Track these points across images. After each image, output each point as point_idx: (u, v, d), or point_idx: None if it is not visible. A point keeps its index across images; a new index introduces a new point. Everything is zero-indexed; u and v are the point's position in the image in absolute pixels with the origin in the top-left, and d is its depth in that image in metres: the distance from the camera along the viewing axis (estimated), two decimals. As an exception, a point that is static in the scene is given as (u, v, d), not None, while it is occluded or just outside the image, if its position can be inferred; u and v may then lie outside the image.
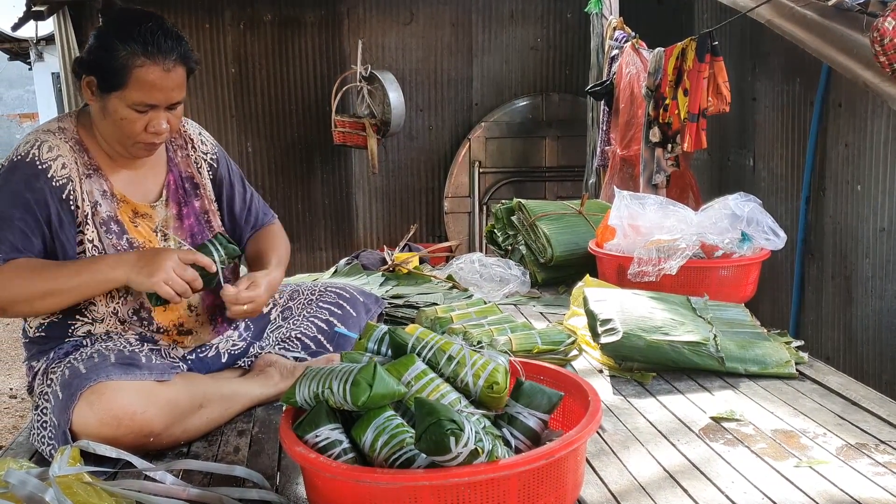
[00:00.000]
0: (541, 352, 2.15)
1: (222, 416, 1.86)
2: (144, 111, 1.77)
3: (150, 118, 1.78)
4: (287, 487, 1.57)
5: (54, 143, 1.81)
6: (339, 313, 2.16)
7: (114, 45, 1.72)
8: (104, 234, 1.83)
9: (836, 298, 3.33)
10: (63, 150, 1.81)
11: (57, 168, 1.79)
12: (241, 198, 2.13)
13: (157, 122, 1.78)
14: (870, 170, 3.04)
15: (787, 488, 1.47)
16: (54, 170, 1.79)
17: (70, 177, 1.80)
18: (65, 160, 1.80)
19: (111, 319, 1.85)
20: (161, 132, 1.80)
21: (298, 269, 5.46)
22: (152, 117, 1.78)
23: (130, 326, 1.87)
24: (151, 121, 1.78)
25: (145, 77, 1.73)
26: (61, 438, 1.62)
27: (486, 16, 5.73)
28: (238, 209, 2.12)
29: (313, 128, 5.64)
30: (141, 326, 1.87)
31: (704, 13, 4.69)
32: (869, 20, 2.47)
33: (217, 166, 2.08)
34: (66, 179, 1.80)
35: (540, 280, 3.19)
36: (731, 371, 2.07)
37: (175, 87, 1.78)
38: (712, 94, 3.34)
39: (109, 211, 1.85)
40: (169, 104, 1.79)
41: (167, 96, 1.77)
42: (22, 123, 15.41)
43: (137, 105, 1.75)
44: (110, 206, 1.85)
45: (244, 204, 2.14)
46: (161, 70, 1.74)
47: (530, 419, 1.37)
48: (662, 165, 3.71)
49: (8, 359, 5.52)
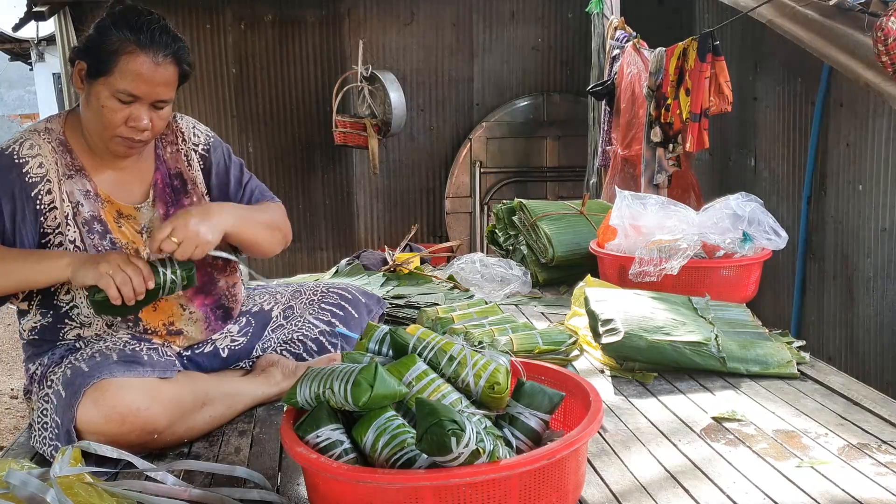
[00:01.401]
0: (542, 352, 2.15)
1: (225, 414, 1.86)
2: (127, 102, 1.73)
3: (131, 111, 1.74)
4: (288, 488, 1.57)
5: (36, 143, 1.81)
6: (341, 314, 2.16)
7: (108, 31, 1.72)
8: (86, 234, 1.81)
9: (837, 298, 3.32)
10: (44, 150, 1.80)
11: (33, 166, 1.78)
12: (237, 180, 2.06)
13: (138, 117, 1.74)
14: (871, 169, 3.04)
15: (789, 488, 1.47)
16: (30, 167, 1.78)
17: (47, 177, 1.79)
18: (43, 160, 1.79)
19: (99, 323, 1.85)
20: (141, 128, 1.76)
21: (299, 269, 5.47)
22: (134, 111, 1.74)
23: (118, 329, 1.87)
24: (133, 114, 1.74)
25: (133, 65, 1.70)
26: (64, 437, 1.62)
27: (486, 16, 5.73)
28: (233, 190, 2.04)
29: (314, 128, 5.64)
30: (128, 329, 1.87)
31: (705, 13, 4.69)
32: (871, 20, 2.47)
33: (209, 154, 2.02)
34: (40, 179, 1.79)
35: (541, 280, 3.19)
36: (732, 371, 2.07)
37: (162, 84, 1.75)
38: (714, 93, 3.34)
39: (92, 211, 1.83)
40: (154, 100, 1.75)
41: (152, 90, 1.74)
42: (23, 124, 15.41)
43: (121, 93, 1.72)
44: (93, 207, 1.83)
45: (239, 186, 2.06)
46: (150, 61, 1.71)
47: (531, 419, 1.37)
48: (664, 165, 3.71)
49: (9, 359, 5.52)
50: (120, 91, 1.72)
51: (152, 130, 1.80)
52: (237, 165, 2.08)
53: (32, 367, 1.86)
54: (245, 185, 2.07)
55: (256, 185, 2.11)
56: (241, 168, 2.09)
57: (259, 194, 2.09)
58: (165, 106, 1.80)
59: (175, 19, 5.29)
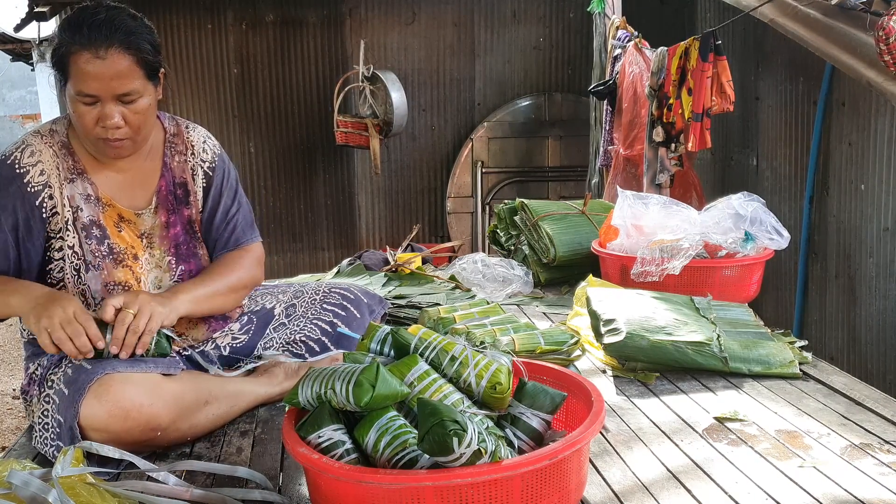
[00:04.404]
0: (544, 352, 2.15)
1: (227, 413, 1.86)
2: (91, 103, 1.71)
3: (100, 111, 1.72)
4: (290, 488, 1.57)
5: (38, 148, 1.80)
6: (343, 315, 2.16)
7: (58, 36, 1.71)
8: (85, 239, 1.81)
9: (839, 298, 3.32)
10: (45, 155, 1.80)
11: (34, 174, 1.78)
12: (225, 211, 2.00)
13: (107, 116, 1.71)
14: (873, 169, 3.03)
15: (791, 488, 1.46)
16: (31, 175, 1.77)
17: (48, 183, 1.78)
18: (44, 166, 1.79)
19: None
20: (113, 126, 1.72)
21: (301, 269, 5.47)
22: (102, 110, 1.71)
23: None
24: (102, 113, 1.71)
25: (78, 64, 1.68)
26: (67, 434, 1.62)
27: (488, 15, 5.73)
28: (218, 221, 1.99)
29: (315, 128, 5.64)
30: None
31: (707, 12, 4.68)
32: (872, 19, 2.46)
33: (212, 174, 1.99)
34: (43, 186, 1.78)
35: (543, 280, 3.19)
36: (734, 371, 2.07)
37: (114, 77, 1.68)
38: (716, 93, 3.34)
39: (92, 216, 1.82)
40: (114, 95, 1.71)
41: (106, 85, 1.69)
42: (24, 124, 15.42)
43: (81, 96, 1.70)
44: (93, 211, 1.83)
45: (225, 217, 2.00)
46: (93, 56, 1.67)
47: (533, 420, 1.37)
48: (666, 165, 3.70)
49: (11, 360, 5.52)
50: (79, 93, 1.70)
51: (131, 127, 1.76)
52: (231, 192, 2.02)
53: (32, 366, 1.86)
54: (230, 221, 2.01)
55: (241, 221, 2.03)
56: (233, 197, 2.03)
57: (240, 232, 2.03)
58: (134, 99, 1.74)
59: (176, 20, 5.30)
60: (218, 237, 2.01)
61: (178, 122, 2.01)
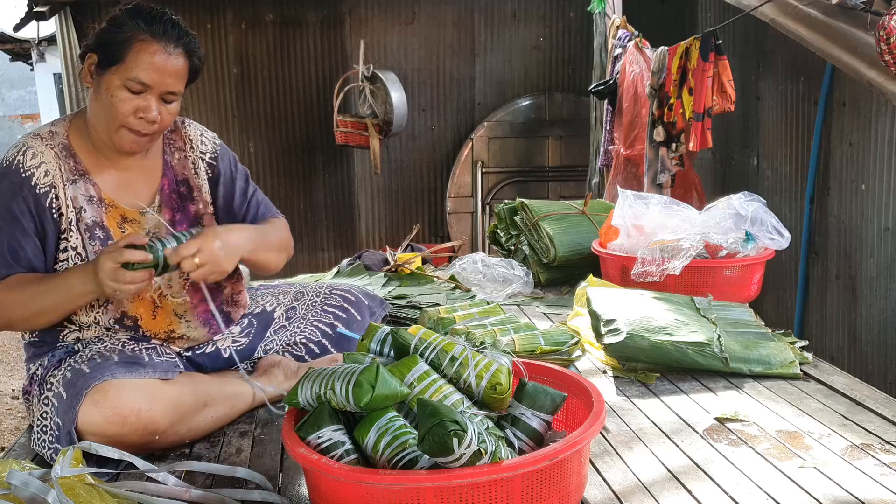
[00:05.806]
0: (544, 352, 2.15)
1: (227, 415, 1.86)
2: (138, 92, 1.74)
3: (140, 102, 1.74)
4: (289, 489, 1.57)
5: (39, 150, 1.80)
6: (343, 317, 2.16)
7: (122, 21, 1.74)
8: (88, 240, 1.81)
9: (840, 298, 3.31)
10: (47, 156, 1.80)
11: (40, 176, 1.78)
12: (242, 192, 2.06)
13: (148, 108, 1.75)
14: (874, 169, 3.03)
15: (792, 489, 1.46)
16: (37, 177, 1.78)
17: (53, 184, 1.79)
18: (48, 167, 1.79)
19: (96, 327, 1.85)
20: (150, 119, 1.76)
21: (301, 269, 5.45)
22: (143, 102, 1.74)
23: (117, 333, 1.86)
24: (141, 105, 1.74)
25: (145, 53, 1.72)
26: (65, 438, 1.62)
27: (488, 15, 5.72)
28: (238, 202, 2.04)
29: (315, 128, 5.64)
30: (127, 333, 1.87)
31: (708, 12, 4.68)
32: (873, 19, 2.46)
33: (216, 163, 2.02)
34: (49, 187, 1.79)
35: (543, 280, 3.19)
36: (735, 371, 2.06)
37: (173, 74, 1.76)
38: (717, 93, 3.33)
39: (95, 216, 1.83)
40: (164, 91, 1.76)
41: (163, 80, 1.75)
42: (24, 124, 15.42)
43: (132, 82, 1.72)
44: (96, 212, 1.83)
45: (244, 198, 2.06)
46: (162, 50, 1.73)
47: (533, 420, 1.37)
48: (667, 165, 3.70)
49: (10, 360, 5.52)
50: (131, 79, 1.73)
51: (160, 124, 1.80)
52: (243, 176, 2.08)
53: (33, 367, 1.86)
54: (250, 199, 2.07)
55: (262, 199, 2.11)
56: (246, 179, 2.09)
57: (265, 209, 2.10)
58: (174, 99, 1.80)
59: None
60: (244, 216, 2.05)
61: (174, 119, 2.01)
